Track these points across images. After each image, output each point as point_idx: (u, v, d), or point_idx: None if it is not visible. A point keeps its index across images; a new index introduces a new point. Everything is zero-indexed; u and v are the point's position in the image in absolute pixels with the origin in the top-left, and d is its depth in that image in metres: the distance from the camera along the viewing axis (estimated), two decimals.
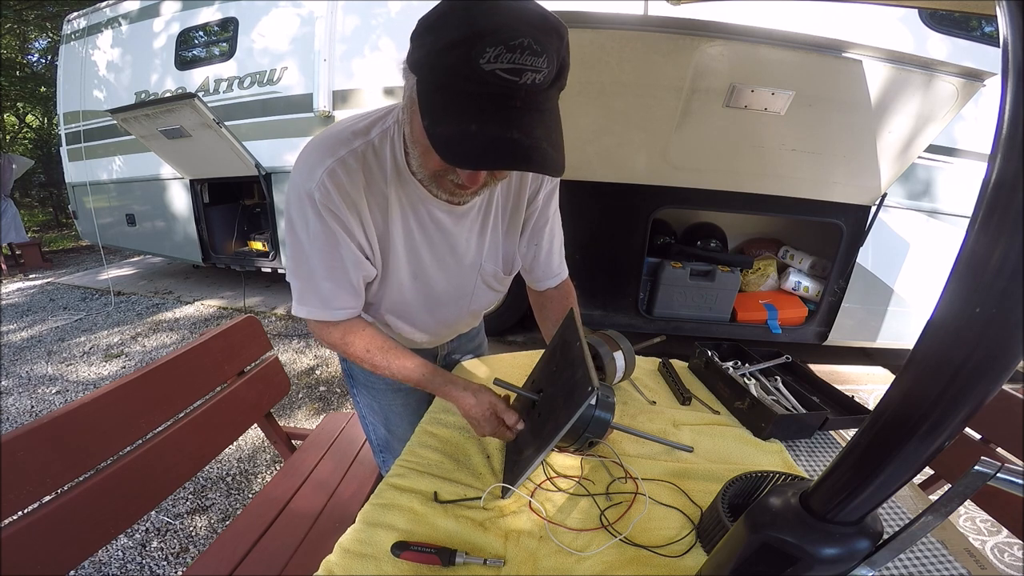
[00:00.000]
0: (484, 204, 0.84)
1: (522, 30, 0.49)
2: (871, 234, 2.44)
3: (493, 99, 0.51)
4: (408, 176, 0.74)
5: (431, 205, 0.78)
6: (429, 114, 0.54)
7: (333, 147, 0.70)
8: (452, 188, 0.70)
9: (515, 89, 0.51)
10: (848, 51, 1.80)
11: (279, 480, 1.28)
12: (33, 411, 2.54)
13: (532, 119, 0.53)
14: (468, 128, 0.51)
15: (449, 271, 0.87)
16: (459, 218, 0.82)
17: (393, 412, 1.07)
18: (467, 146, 0.52)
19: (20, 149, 10.32)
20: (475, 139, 0.52)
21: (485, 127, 0.51)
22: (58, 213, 9.84)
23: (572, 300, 1.03)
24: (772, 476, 0.68)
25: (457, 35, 0.50)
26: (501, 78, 0.50)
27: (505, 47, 0.48)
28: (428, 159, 0.65)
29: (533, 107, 0.53)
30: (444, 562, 0.59)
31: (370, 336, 0.83)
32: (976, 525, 1.70)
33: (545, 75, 0.52)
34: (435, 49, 0.52)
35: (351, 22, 3.23)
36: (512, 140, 0.52)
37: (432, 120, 0.54)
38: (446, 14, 0.52)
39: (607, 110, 2.06)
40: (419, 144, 0.64)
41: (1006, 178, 0.27)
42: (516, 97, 0.51)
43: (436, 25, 0.53)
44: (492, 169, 0.55)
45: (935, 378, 0.31)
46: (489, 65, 0.49)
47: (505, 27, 0.48)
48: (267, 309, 4.03)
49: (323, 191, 0.68)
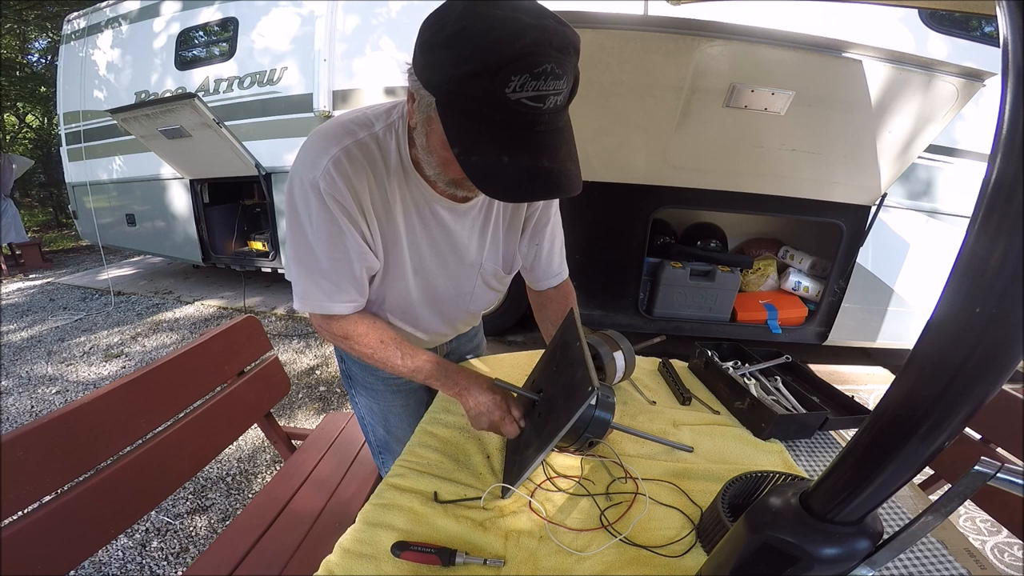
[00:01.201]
0: (485, 203, 0.84)
1: (545, 55, 0.49)
2: (871, 234, 2.44)
3: (520, 128, 0.53)
4: (412, 172, 0.74)
5: (433, 202, 0.78)
6: (459, 142, 0.56)
7: (339, 137, 0.69)
8: (467, 191, 0.73)
9: (540, 115, 0.53)
10: (848, 51, 1.80)
11: (279, 480, 1.28)
12: (33, 411, 2.54)
13: (556, 141, 0.56)
14: (500, 160, 0.54)
15: (450, 269, 0.87)
16: (460, 216, 0.82)
17: (392, 413, 1.07)
18: (503, 179, 0.54)
19: (20, 149, 10.30)
20: (509, 171, 0.54)
21: (517, 157, 0.54)
22: (58, 213, 9.84)
23: (572, 300, 1.03)
24: (772, 476, 0.68)
25: (481, 65, 0.50)
26: (527, 106, 0.51)
27: (530, 75, 0.49)
28: (448, 169, 0.66)
29: (555, 129, 0.55)
30: (444, 562, 0.59)
31: (380, 329, 0.83)
32: (976, 525, 1.70)
33: (564, 96, 0.54)
34: (457, 75, 0.52)
35: (351, 22, 3.23)
36: (543, 169, 0.54)
37: (462, 148, 0.55)
38: (462, 33, 0.50)
39: (607, 110, 2.06)
40: (436, 155, 0.65)
41: (1006, 178, 0.27)
42: (540, 123, 0.54)
43: (453, 44, 0.51)
44: (528, 200, 0.59)
45: (935, 378, 0.31)
46: (515, 95, 0.50)
47: (529, 54, 0.49)
48: (267, 309, 4.03)
49: (328, 180, 0.67)
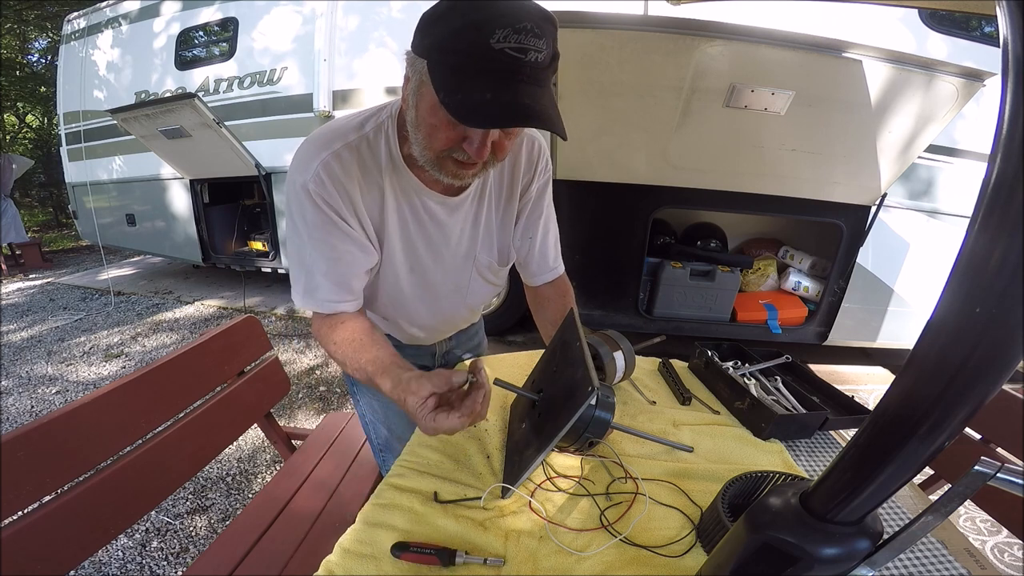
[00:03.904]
0: (477, 195, 0.85)
1: (526, 17, 0.56)
2: (871, 234, 2.44)
3: (503, 73, 0.57)
4: (403, 167, 0.76)
5: (425, 197, 0.80)
6: (444, 88, 0.58)
7: (328, 141, 0.72)
8: (454, 169, 0.69)
9: (521, 65, 0.57)
10: (848, 51, 1.80)
11: (279, 480, 1.28)
12: (33, 411, 2.54)
13: (536, 91, 0.59)
14: (483, 96, 0.57)
15: (444, 263, 0.88)
16: (453, 210, 0.83)
17: (392, 411, 1.07)
18: (484, 111, 0.57)
19: (20, 149, 10.29)
20: (491, 104, 0.57)
21: (498, 94, 0.57)
22: (58, 213, 9.83)
23: (570, 299, 1.02)
24: (772, 476, 0.68)
25: (469, 21, 0.56)
26: (509, 55, 0.56)
27: (512, 29, 0.55)
28: (434, 139, 0.66)
29: (536, 82, 0.59)
30: (444, 562, 0.59)
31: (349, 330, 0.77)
32: (976, 525, 1.70)
33: (545, 55, 0.58)
34: (447, 33, 0.58)
35: (352, 22, 3.23)
36: (524, 104, 0.58)
37: (447, 92, 0.58)
38: (453, 8, 0.58)
39: (607, 110, 2.06)
40: (425, 125, 0.66)
41: (1006, 178, 0.27)
42: (523, 72, 0.58)
43: (446, 16, 0.58)
44: (510, 126, 0.60)
45: (935, 378, 0.31)
46: (499, 44, 0.55)
47: (511, 14, 0.56)
48: (267, 309, 4.03)
49: (318, 182, 0.70)
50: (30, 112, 10.50)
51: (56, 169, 7.20)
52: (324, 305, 0.79)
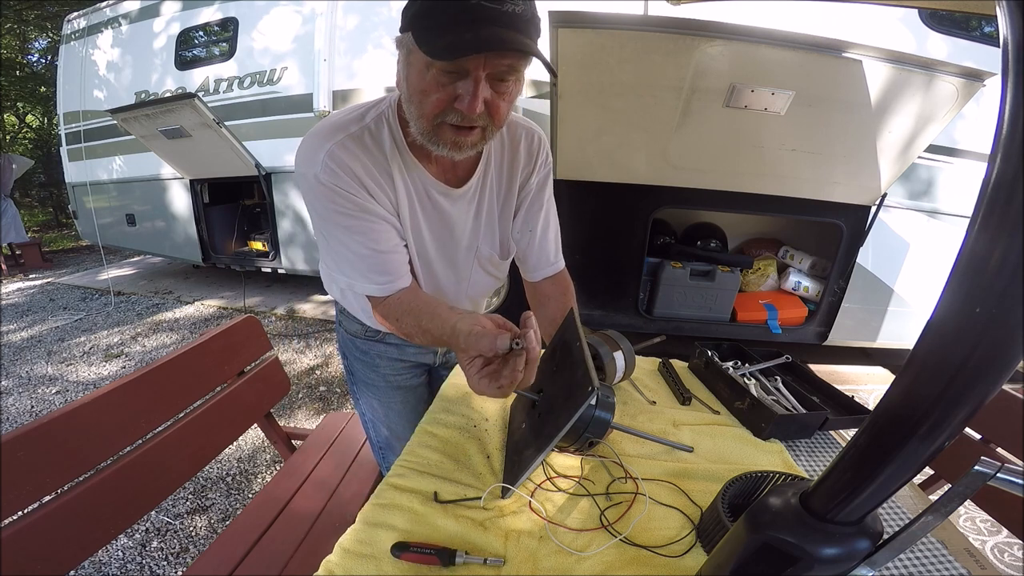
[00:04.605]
0: (479, 188, 0.86)
1: None
2: (871, 234, 2.44)
3: (482, 21, 0.59)
4: (408, 154, 0.77)
5: (430, 187, 0.81)
6: (426, 43, 0.60)
7: (330, 133, 0.73)
8: (452, 136, 0.68)
9: (499, 14, 0.59)
10: (848, 51, 1.79)
11: (279, 480, 1.28)
12: (33, 411, 2.54)
13: (515, 36, 0.60)
14: (464, 36, 0.58)
15: (448, 253, 0.89)
16: (456, 201, 0.84)
17: (392, 410, 1.07)
18: (464, 44, 0.58)
19: (20, 149, 10.29)
20: (471, 40, 0.58)
21: (478, 33, 0.59)
22: (58, 213, 9.82)
23: (571, 297, 1.00)
24: (772, 476, 0.68)
25: None
26: (486, 7, 0.58)
27: None
28: (425, 104, 0.66)
29: (516, 28, 0.60)
30: (444, 562, 0.59)
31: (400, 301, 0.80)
32: (976, 525, 1.70)
33: (523, 9, 0.60)
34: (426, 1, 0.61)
35: (351, 21, 3.23)
36: (503, 37, 0.59)
37: (429, 44, 0.60)
38: None
39: (607, 110, 2.06)
40: (416, 93, 0.66)
41: (1006, 178, 0.27)
42: (501, 19, 0.59)
43: None
44: (494, 50, 0.60)
45: (935, 378, 0.31)
46: None
47: None
48: (267, 309, 4.03)
49: (328, 171, 0.71)
50: (30, 112, 10.49)
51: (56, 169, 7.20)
52: (372, 288, 0.79)
